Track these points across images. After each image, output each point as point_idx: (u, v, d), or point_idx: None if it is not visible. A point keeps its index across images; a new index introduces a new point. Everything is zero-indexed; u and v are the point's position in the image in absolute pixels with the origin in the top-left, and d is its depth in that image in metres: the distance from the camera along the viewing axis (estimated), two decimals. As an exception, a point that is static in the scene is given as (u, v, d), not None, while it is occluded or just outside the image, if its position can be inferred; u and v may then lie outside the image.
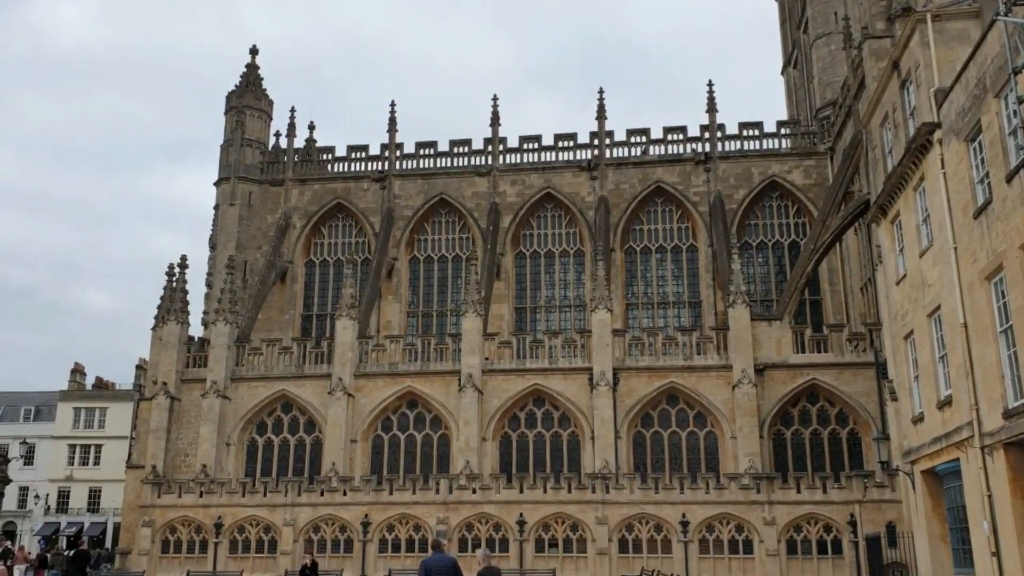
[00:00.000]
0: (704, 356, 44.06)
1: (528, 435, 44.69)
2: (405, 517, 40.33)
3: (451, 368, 44.98)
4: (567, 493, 39.86)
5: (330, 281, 55.09)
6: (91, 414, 68.15)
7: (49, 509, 65.83)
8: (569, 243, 54.41)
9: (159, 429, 44.97)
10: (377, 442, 45.52)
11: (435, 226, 55.68)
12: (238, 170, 55.17)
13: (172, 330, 46.74)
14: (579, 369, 44.26)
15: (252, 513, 40.94)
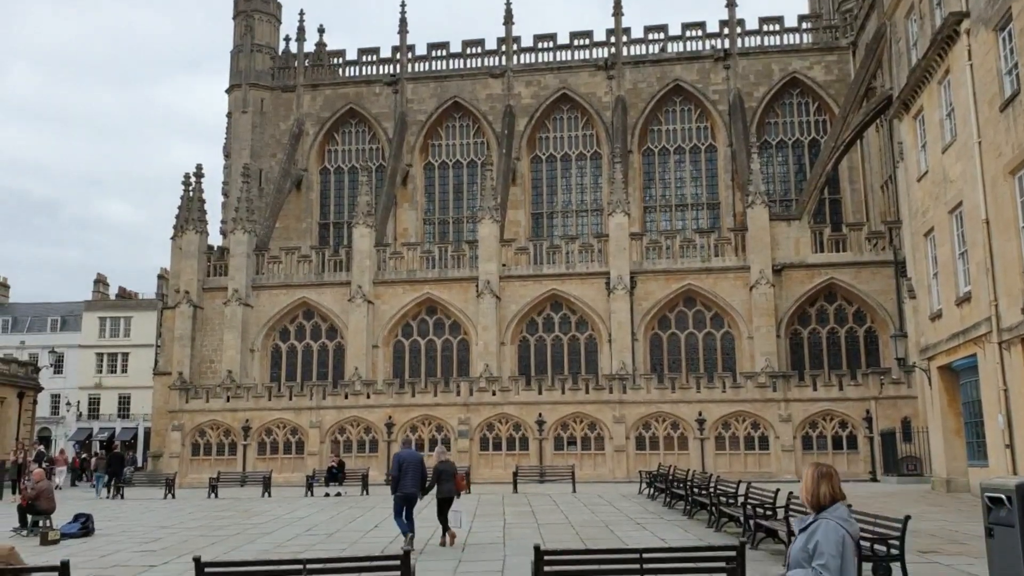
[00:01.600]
0: (722, 258, 44.03)
1: (546, 339, 45.21)
2: (427, 418, 41.28)
3: (469, 275, 45.23)
4: (585, 394, 40.55)
5: (345, 188, 54.98)
6: (116, 323, 69.40)
7: (81, 416, 67.80)
8: (586, 146, 53.80)
9: (184, 337, 45.82)
10: (398, 347, 46.23)
11: (449, 131, 55.08)
12: (249, 76, 54.48)
13: (191, 239, 47.09)
14: (596, 273, 44.40)
15: (279, 416, 42.01)
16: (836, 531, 4.98)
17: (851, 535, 5.06)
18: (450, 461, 16.47)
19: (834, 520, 5.04)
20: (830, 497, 5.17)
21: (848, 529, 5.05)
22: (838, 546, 4.94)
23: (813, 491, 5.20)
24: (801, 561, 5.02)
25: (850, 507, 5.46)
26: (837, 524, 5.01)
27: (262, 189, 52.80)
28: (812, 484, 5.22)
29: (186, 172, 48.23)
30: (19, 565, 9.09)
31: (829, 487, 5.20)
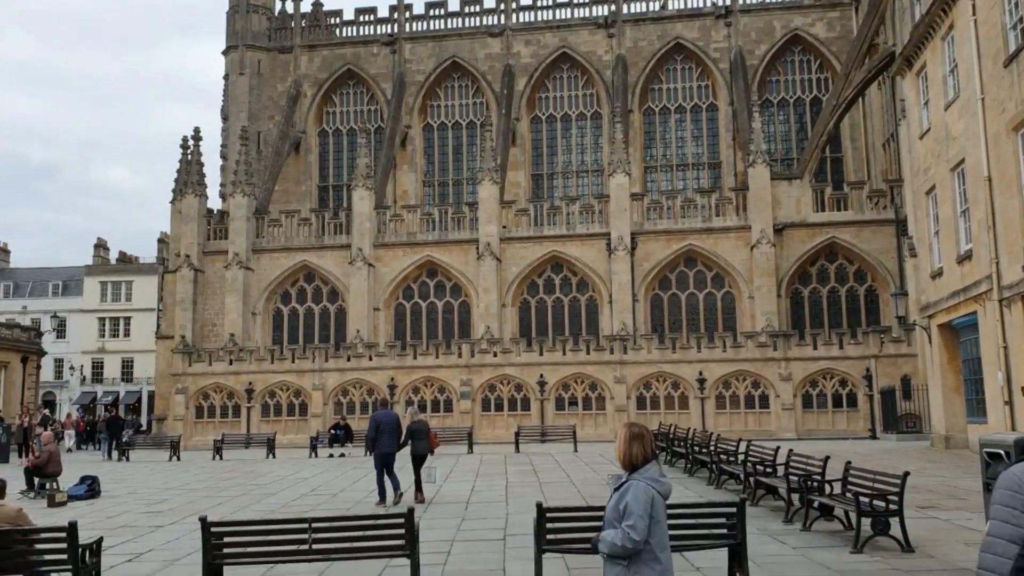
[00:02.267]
0: (723, 218, 43.91)
1: (547, 300, 45.27)
2: (430, 380, 41.48)
3: (469, 237, 45.15)
4: (586, 355, 40.70)
5: (344, 151, 54.67)
6: (117, 288, 69.46)
7: (85, 380, 68.13)
8: (586, 105, 53.39)
9: (185, 300, 45.88)
10: (399, 310, 46.31)
11: (448, 91, 54.62)
12: (245, 37, 53.90)
13: (191, 203, 46.93)
14: (597, 235, 44.31)
15: (282, 379, 42.22)
16: (646, 492, 5.03)
17: (661, 494, 5.14)
18: (423, 420, 16.99)
19: (644, 481, 5.09)
20: (642, 457, 5.20)
21: (658, 489, 5.12)
22: (646, 507, 5.00)
23: (626, 452, 5.23)
24: (613, 521, 5.10)
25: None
26: (647, 485, 5.06)
27: (260, 152, 52.51)
28: (624, 445, 5.25)
29: (184, 135, 47.95)
30: (27, 526, 9.19)
31: (641, 447, 5.21)
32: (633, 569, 4.99)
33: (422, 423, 16.81)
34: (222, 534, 8.76)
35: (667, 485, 5.21)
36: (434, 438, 17.12)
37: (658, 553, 5.02)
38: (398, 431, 16.23)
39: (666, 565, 5.07)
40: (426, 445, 16.50)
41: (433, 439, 17.00)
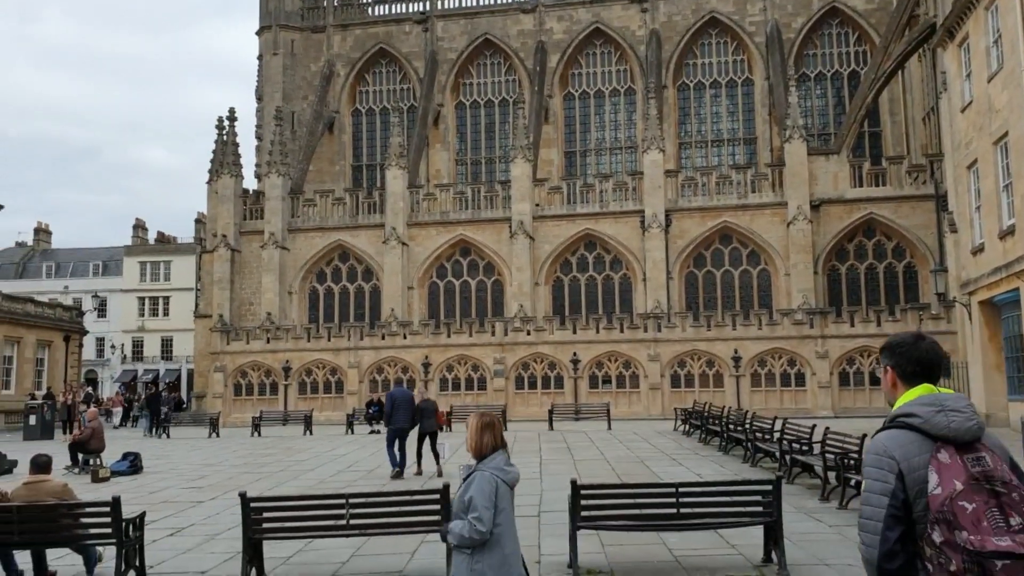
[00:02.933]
0: (759, 194, 43.42)
1: (580, 279, 45.18)
2: (463, 358, 41.68)
3: (502, 215, 45.13)
4: (619, 333, 40.61)
5: (377, 130, 54.79)
6: (156, 267, 70.58)
7: (126, 358, 69.47)
8: (619, 81, 52.91)
9: (223, 280, 46.46)
10: (433, 288, 46.51)
11: (480, 69, 54.43)
12: (279, 17, 54.08)
13: (227, 183, 47.38)
14: (630, 212, 44.07)
15: (318, 357, 42.66)
16: (490, 482, 5.10)
17: (507, 483, 5.19)
18: (431, 400, 18.17)
19: (489, 471, 5.16)
20: (491, 447, 5.25)
21: (503, 478, 5.18)
22: (490, 497, 5.07)
23: (476, 441, 5.27)
24: (460, 512, 5.17)
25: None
26: (491, 475, 5.13)
27: (295, 132, 52.79)
28: (475, 434, 5.29)
29: (220, 116, 48.32)
30: (73, 500, 9.43)
31: (492, 437, 5.27)
32: (476, 557, 5.07)
33: (430, 403, 17.84)
34: (261, 509, 8.91)
35: (512, 473, 5.27)
36: (441, 416, 18.44)
37: (502, 541, 5.10)
38: (412, 408, 17.32)
39: (508, 552, 5.13)
40: (434, 423, 17.56)
41: (440, 417, 18.13)
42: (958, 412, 3.17)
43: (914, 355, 3.48)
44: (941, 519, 2.95)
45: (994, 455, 3.10)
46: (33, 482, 9.52)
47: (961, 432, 3.11)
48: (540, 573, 8.85)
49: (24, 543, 8.94)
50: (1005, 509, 2.94)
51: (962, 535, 2.90)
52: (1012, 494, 2.97)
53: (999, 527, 2.90)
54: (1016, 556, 2.83)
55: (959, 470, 3.02)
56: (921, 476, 3.06)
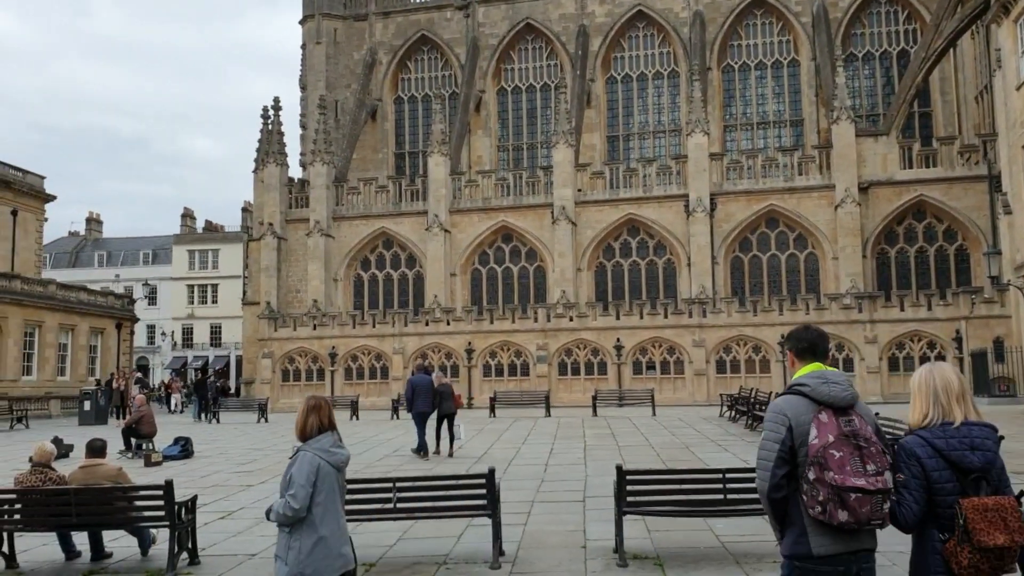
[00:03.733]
0: (806, 176, 42.76)
1: (623, 264, 44.95)
2: (506, 344, 41.77)
3: (544, 201, 45.04)
4: (663, 318, 40.35)
5: (419, 117, 54.95)
6: (204, 256, 71.80)
7: (176, 345, 70.87)
8: (663, 64, 52.37)
9: (270, 267, 47.10)
10: (475, 275, 46.63)
11: (522, 54, 54.23)
12: (321, 6, 54.42)
13: (272, 172, 47.95)
14: (675, 196, 43.70)
15: (363, 343, 43.08)
16: (311, 462, 5.15)
17: (332, 464, 5.22)
18: (448, 384, 19.20)
19: (311, 451, 5.19)
20: (317, 428, 5.29)
21: (327, 459, 5.21)
22: (310, 476, 5.12)
23: (302, 424, 5.33)
24: (282, 491, 5.25)
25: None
26: (314, 455, 5.18)
27: (338, 120, 53.17)
28: (302, 417, 5.34)
29: (264, 106, 48.84)
30: (127, 484, 9.65)
31: (317, 418, 5.32)
32: (295, 535, 5.13)
33: (447, 387, 18.87)
34: (310, 492, 9.02)
35: (338, 455, 5.30)
36: (459, 399, 19.67)
37: (318, 522, 5.13)
38: (432, 393, 18.31)
39: (325, 533, 5.14)
40: (451, 405, 18.57)
41: (458, 400, 19.43)
42: (838, 384, 4.11)
43: (804, 338, 4.51)
44: (815, 462, 3.89)
45: (862, 419, 4.03)
46: (89, 466, 9.76)
47: (838, 399, 4.05)
48: (586, 558, 8.86)
49: (81, 525, 9.18)
50: (864, 459, 3.88)
51: (829, 474, 3.85)
52: (871, 448, 3.91)
53: (858, 471, 3.84)
54: (866, 491, 3.81)
55: (833, 427, 3.95)
56: (805, 430, 4.00)
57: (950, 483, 3.94)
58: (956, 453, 3.96)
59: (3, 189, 46.17)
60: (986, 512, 3.83)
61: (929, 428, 4.07)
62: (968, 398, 4.16)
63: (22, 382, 38.93)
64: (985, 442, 4.04)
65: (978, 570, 3.83)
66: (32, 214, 48.84)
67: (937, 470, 3.94)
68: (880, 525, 3.94)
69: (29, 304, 39.58)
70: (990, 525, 3.80)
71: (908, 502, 3.96)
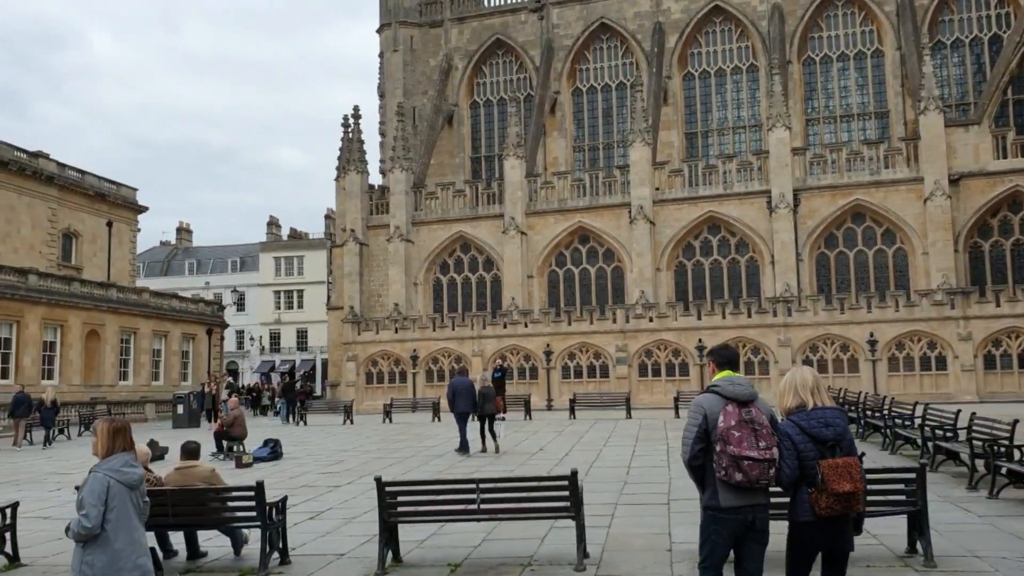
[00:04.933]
0: (892, 170, 41.45)
1: (704, 263, 44.32)
2: (585, 345, 41.62)
3: (621, 201, 44.75)
4: (747, 318, 39.62)
5: (495, 121, 55.24)
6: (290, 262, 73.67)
7: (264, 349, 72.86)
8: (741, 59, 51.45)
9: (352, 273, 48.02)
10: (552, 277, 46.62)
11: (596, 54, 54.01)
12: (398, 14, 55.22)
13: (353, 180, 48.89)
14: (756, 193, 42.89)
15: (443, 345, 43.51)
16: (101, 482, 5.40)
17: (123, 483, 5.44)
18: (490, 386, 20.08)
19: (102, 472, 5.43)
20: (107, 449, 5.53)
21: (118, 478, 5.43)
22: (100, 496, 5.36)
23: (108, 445, 5.54)
24: (77, 510, 5.48)
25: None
26: (104, 475, 5.42)
27: (416, 127, 53.87)
28: (107, 439, 5.56)
29: (344, 115, 49.82)
30: (220, 485, 9.95)
31: (123, 440, 5.59)
32: (88, 550, 5.38)
33: (490, 388, 19.78)
34: (396, 493, 9.16)
35: (130, 475, 5.49)
36: (499, 402, 20.41)
37: (112, 537, 5.38)
38: (472, 394, 19.21)
39: (118, 547, 5.39)
40: (493, 407, 19.39)
41: (498, 402, 20.28)
42: (741, 386, 5.64)
43: (724, 354, 6.04)
44: (720, 439, 5.46)
45: (759, 410, 5.55)
46: (184, 467, 10.10)
47: (741, 395, 5.59)
48: (672, 561, 8.76)
49: (177, 524, 9.50)
50: (758, 437, 5.42)
51: (730, 448, 5.41)
52: (763, 430, 5.45)
53: (752, 445, 5.39)
54: (756, 460, 5.36)
55: (735, 415, 5.49)
56: (716, 417, 5.55)
57: (812, 451, 5.44)
58: (815, 430, 5.47)
59: (99, 201, 48.28)
60: (837, 468, 5.34)
61: (796, 413, 5.55)
62: (820, 390, 5.65)
63: (119, 387, 40.57)
64: (835, 420, 5.54)
65: (832, 510, 5.33)
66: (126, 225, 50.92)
67: (803, 443, 5.45)
68: (767, 485, 5.49)
69: (125, 312, 41.23)
70: (840, 477, 5.32)
71: (784, 467, 5.45)
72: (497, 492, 9.10)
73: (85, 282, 40.44)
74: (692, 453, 5.62)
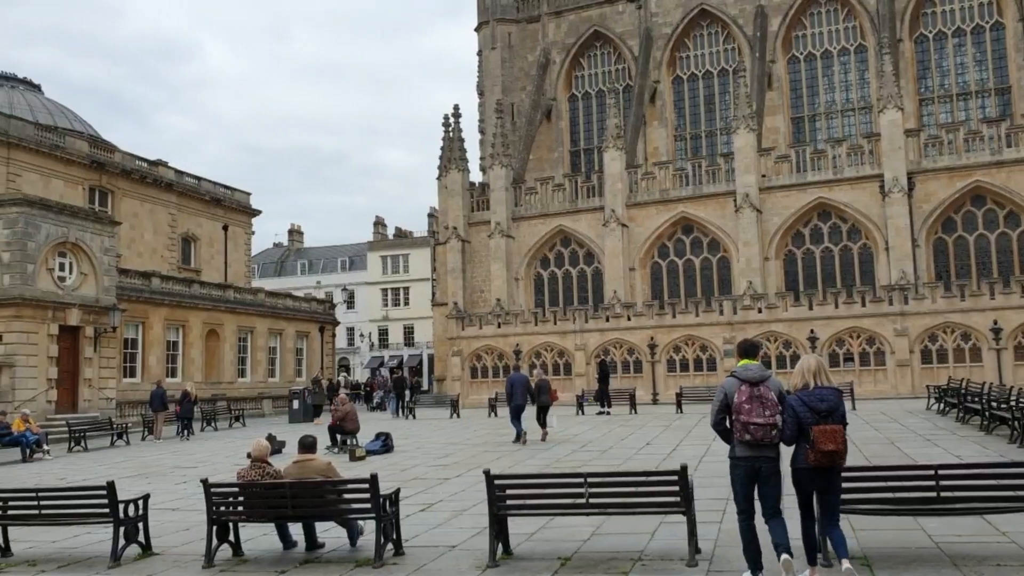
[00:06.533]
0: (1016, 148, 39.25)
1: (814, 251, 43.01)
2: (690, 338, 40.99)
3: (725, 189, 43.86)
4: (861, 307, 38.26)
5: (593, 114, 54.94)
6: (396, 261, 75.32)
7: (373, 346, 74.73)
8: (848, 39, 49.61)
9: (455, 269, 48.69)
10: (655, 269, 46.09)
11: (696, 41, 53.03)
12: (495, 12, 55.57)
13: (455, 178, 49.52)
14: (868, 177, 41.35)
15: (546, 340, 43.63)
16: None
17: None
18: (546, 379, 22.67)
19: None
20: None
21: None
22: None
23: None
24: None
25: None
26: None
27: (514, 123, 54.12)
28: None
29: (445, 114, 50.47)
30: (336, 478, 10.25)
31: None
32: None
33: (545, 382, 22.28)
34: (505, 487, 9.25)
35: None
36: (554, 393, 22.92)
37: None
38: (527, 388, 21.36)
39: None
40: (548, 398, 21.81)
41: (553, 394, 22.70)
42: (751, 371, 7.46)
43: (744, 347, 7.94)
44: (735, 410, 7.37)
45: (767, 388, 7.39)
46: (301, 461, 10.43)
47: (751, 378, 7.43)
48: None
49: (296, 516, 9.85)
50: (764, 408, 7.29)
51: (741, 416, 7.31)
52: (768, 403, 7.30)
53: (758, 412, 7.27)
54: (760, 424, 7.24)
55: (747, 393, 7.36)
56: (732, 394, 7.44)
57: (810, 418, 7.24)
58: (813, 403, 7.27)
59: (215, 206, 50.41)
60: (825, 432, 7.18)
61: (801, 391, 7.40)
62: (822, 374, 7.48)
63: (237, 383, 42.28)
64: (829, 397, 7.32)
65: (820, 462, 7.26)
66: (241, 228, 53.00)
67: (804, 412, 7.27)
68: (772, 442, 7.34)
69: (242, 311, 42.92)
70: (827, 439, 7.18)
71: (786, 430, 7.33)
72: (606, 486, 9.09)
73: (204, 284, 42.29)
74: (715, 420, 7.66)
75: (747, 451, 7.37)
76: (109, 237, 31.95)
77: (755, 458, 7.37)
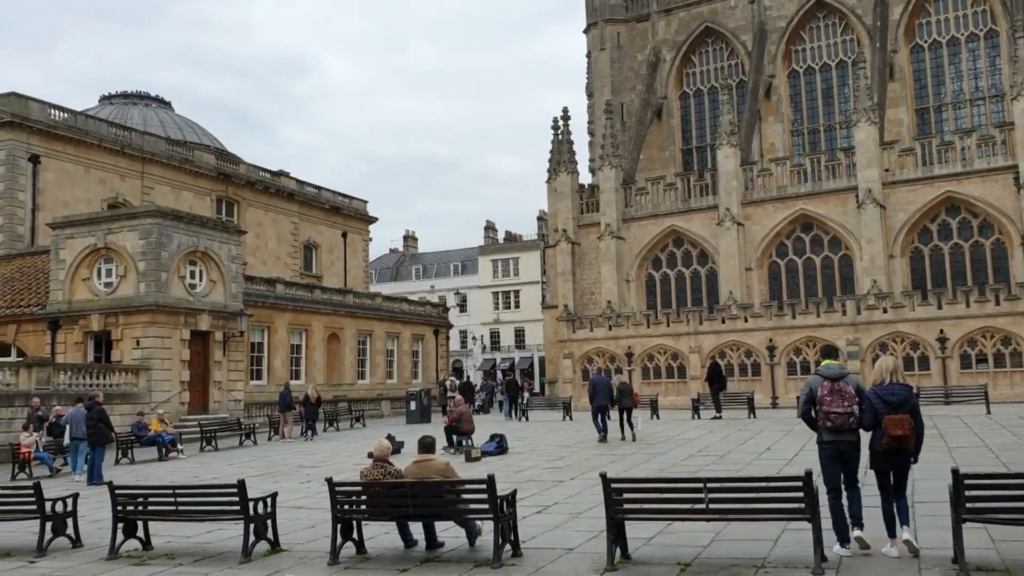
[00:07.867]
0: None
1: (943, 248, 41.02)
2: (811, 340, 39.71)
3: (846, 185, 42.34)
4: (995, 306, 36.24)
5: (706, 111, 54.00)
6: (506, 264, 75.94)
7: (485, 348, 75.55)
8: (977, 24, 47.11)
9: (565, 272, 48.70)
10: (773, 268, 44.87)
11: (813, 33, 51.40)
12: (603, 12, 55.37)
13: (564, 180, 49.56)
14: (1000, 169, 39.17)
15: (658, 342, 43.10)
16: None
17: None
18: (627, 383, 23.49)
19: None
20: None
21: None
22: None
23: None
24: None
25: None
26: None
27: (624, 123, 53.76)
28: None
29: (554, 117, 50.67)
30: (455, 478, 10.40)
31: None
32: None
33: (626, 385, 22.98)
34: (621, 490, 9.18)
35: None
36: (636, 396, 23.51)
37: None
38: (609, 390, 22.21)
39: None
40: (629, 401, 22.31)
41: (635, 397, 23.27)
42: (831, 369, 8.84)
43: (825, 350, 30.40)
44: (819, 401, 8.76)
45: (846, 383, 8.72)
46: (421, 461, 10.63)
47: (831, 375, 8.78)
48: (920, 567, 8.17)
49: (416, 515, 10.04)
50: (843, 399, 8.65)
51: (823, 407, 8.72)
52: (846, 396, 8.66)
53: (838, 403, 8.65)
54: (839, 413, 8.63)
55: (828, 387, 8.73)
56: (816, 388, 8.83)
57: (883, 408, 8.38)
58: (886, 396, 8.42)
59: (334, 215, 52.08)
60: (894, 421, 8.32)
61: (877, 386, 8.55)
62: (897, 372, 8.67)
63: (357, 385, 43.47)
64: (900, 391, 8.45)
65: (890, 446, 8.39)
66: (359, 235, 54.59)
67: (878, 403, 8.43)
68: (851, 428, 8.62)
69: (361, 315, 44.13)
70: (896, 426, 8.32)
71: (864, 418, 8.53)
72: (725, 492, 8.89)
73: (325, 289, 43.70)
74: (802, 411, 9.05)
75: (831, 436, 8.69)
76: (236, 245, 33.40)
77: (838, 441, 8.67)
